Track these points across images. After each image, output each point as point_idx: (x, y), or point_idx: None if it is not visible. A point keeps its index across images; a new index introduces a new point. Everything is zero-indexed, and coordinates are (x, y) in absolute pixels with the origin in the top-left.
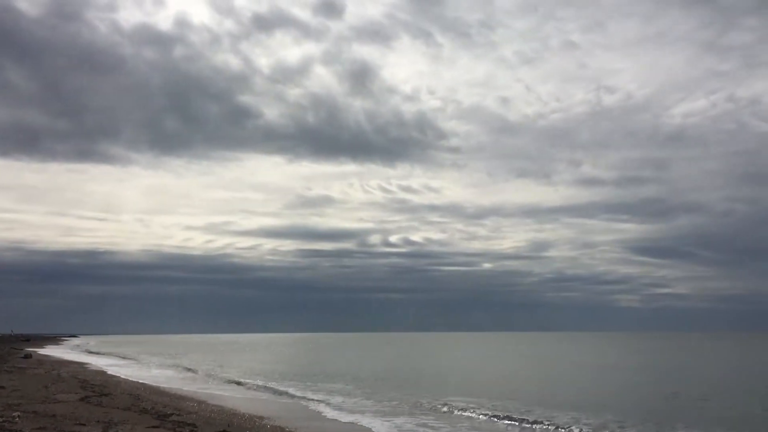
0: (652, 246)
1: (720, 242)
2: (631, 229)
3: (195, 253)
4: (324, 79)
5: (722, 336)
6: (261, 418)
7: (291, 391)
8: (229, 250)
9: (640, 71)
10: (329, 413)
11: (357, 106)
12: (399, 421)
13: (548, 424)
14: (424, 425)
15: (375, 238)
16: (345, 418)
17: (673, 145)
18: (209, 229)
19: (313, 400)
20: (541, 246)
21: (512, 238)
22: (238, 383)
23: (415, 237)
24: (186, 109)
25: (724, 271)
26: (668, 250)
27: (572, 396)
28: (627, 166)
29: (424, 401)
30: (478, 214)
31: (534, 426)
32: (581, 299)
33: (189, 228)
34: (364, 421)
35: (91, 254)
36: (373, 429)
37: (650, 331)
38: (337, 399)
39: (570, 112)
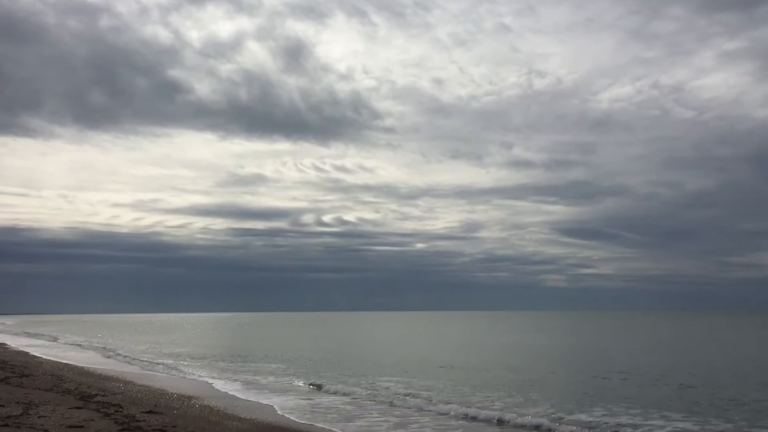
0: (578, 227)
1: (643, 224)
2: (559, 211)
3: (122, 231)
4: (257, 55)
5: (643, 315)
6: (189, 398)
7: (219, 371)
8: (158, 228)
9: (570, 56)
10: (251, 395)
11: (291, 84)
12: (326, 400)
13: (476, 407)
14: (336, 405)
15: (308, 218)
16: (266, 398)
17: (600, 129)
18: (137, 206)
19: (239, 380)
20: (473, 227)
21: (445, 218)
22: (167, 364)
23: (349, 217)
24: (113, 82)
25: (646, 252)
26: (594, 231)
27: (500, 376)
28: (556, 150)
29: (350, 380)
30: (412, 195)
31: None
32: (510, 279)
33: (116, 205)
34: (280, 400)
35: (11, 231)
36: (275, 406)
37: (576, 310)
38: (265, 379)
39: (502, 95)
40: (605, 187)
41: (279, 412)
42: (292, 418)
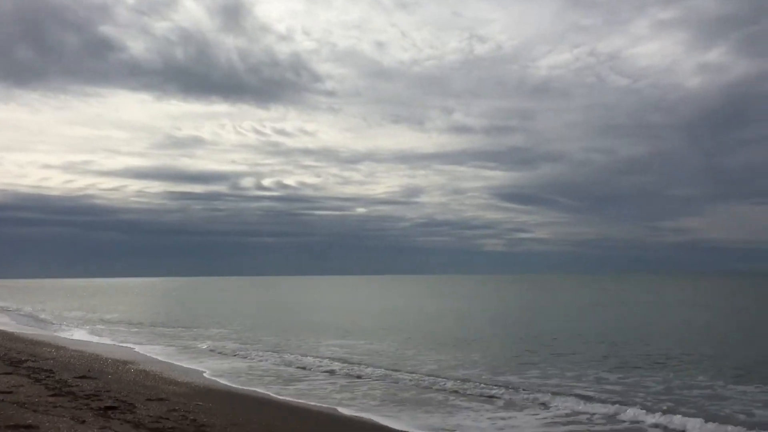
0: (516, 193)
1: (578, 190)
2: (498, 176)
3: (53, 193)
4: (193, 13)
5: (578, 278)
6: (124, 363)
7: (156, 336)
8: (91, 191)
9: (510, 22)
10: (188, 359)
11: (229, 44)
12: (264, 364)
13: (419, 375)
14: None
15: (248, 182)
16: (203, 363)
17: (539, 96)
18: (68, 168)
19: (175, 346)
20: (414, 191)
21: (386, 183)
22: (102, 329)
23: (289, 181)
24: (41, 39)
25: (581, 217)
26: (531, 196)
27: (438, 338)
28: (496, 115)
29: (290, 343)
30: (353, 159)
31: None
32: (450, 243)
33: (46, 167)
34: (217, 365)
35: None
36: (212, 370)
37: (513, 273)
38: (203, 344)
39: (443, 60)
40: (543, 153)
41: (215, 376)
42: (227, 382)
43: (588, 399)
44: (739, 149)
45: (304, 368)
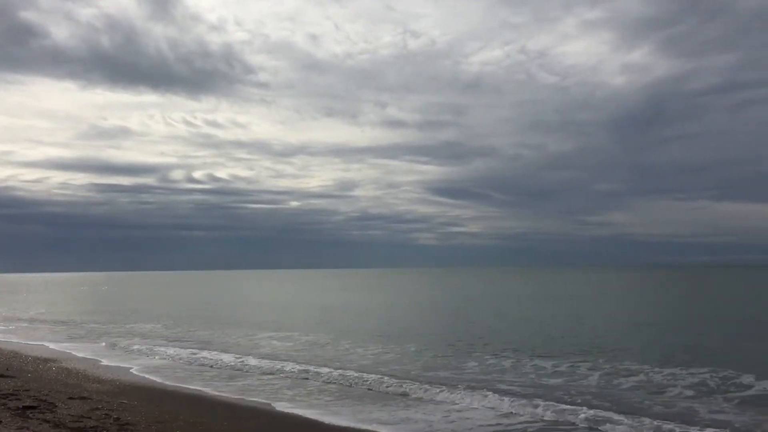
0: (449, 187)
1: (509, 185)
2: (431, 170)
3: None
4: (120, 0)
5: (508, 271)
6: (45, 361)
7: (81, 333)
8: (11, 183)
9: (443, 18)
10: (114, 357)
11: (158, 33)
12: (194, 360)
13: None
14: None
15: (177, 174)
16: (130, 360)
17: (471, 91)
18: None
19: (102, 343)
20: (348, 185)
21: (320, 176)
22: (22, 326)
23: (221, 173)
24: None
25: (512, 211)
26: (463, 191)
27: (378, 328)
28: (429, 110)
29: (229, 339)
30: (286, 152)
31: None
32: (384, 237)
33: None
34: (145, 362)
35: None
36: (140, 367)
37: (446, 267)
38: (130, 340)
39: (377, 54)
40: (475, 148)
41: (142, 373)
42: (155, 379)
43: (513, 393)
44: (660, 146)
45: (235, 364)
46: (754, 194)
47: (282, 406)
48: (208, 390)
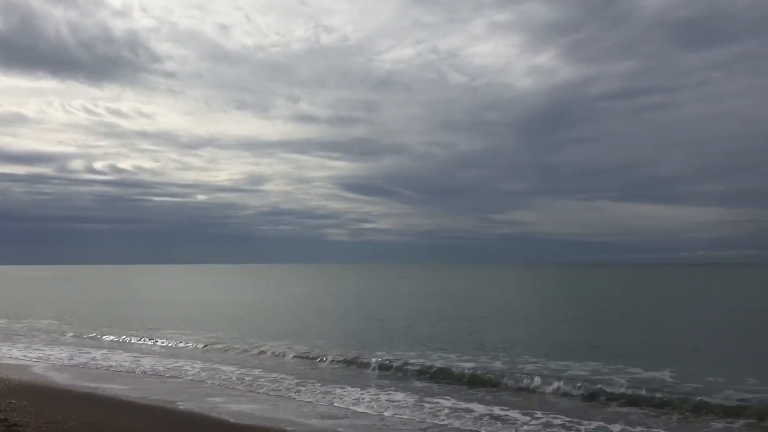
0: (360, 183)
1: (419, 182)
2: (343, 166)
3: None
4: None
5: (418, 267)
6: None
7: None
8: None
9: (356, 14)
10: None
11: (58, 16)
12: (78, 351)
13: (259, 352)
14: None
15: (77, 164)
16: (24, 356)
17: (383, 88)
18: None
19: None
20: (258, 179)
21: (228, 170)
22: None
23: (124, 164)
24: None
25: (422, 208)
26: (375, 187)
27: (285, 326)
28: (341, 106)
29: (129, 333)
30: (194, 144)
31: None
32: (294, 232)
33: None
34: (42, 356)
35: None
36: (35, 364)
37: (356, 263)
38: (29, 337)
39: (289, 48)
40: (386, 145)
41: (34, 372)
42: (50, 378)
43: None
44: (564, 148)
45: (132, 363)
46: (651, 196)
47: (182, 405)
48: (104, 389)
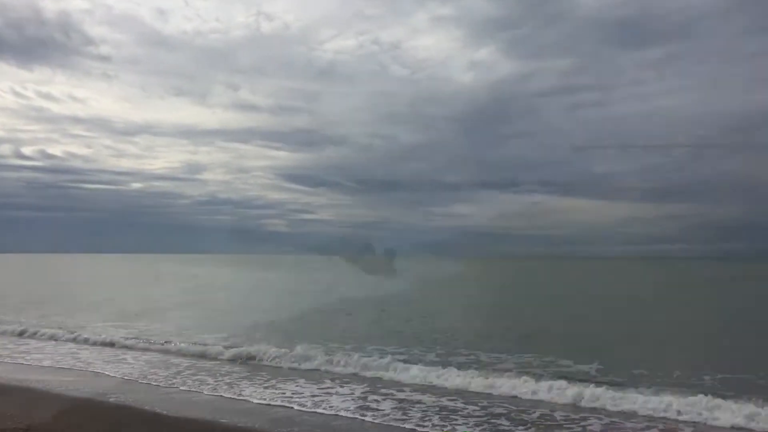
0: (301, 174)
1: (361, 174)
2: (283, 156)
3: None
4: None
5: (356, 260)
6: None
7: None
8: None
9: (297, 3)
10: None
11: None
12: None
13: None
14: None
15: (5, 149)
16: None
17: (325, 79)
18: None
19: None
20: (195, 168)
21: (165, 158)
22: None
23: (55, 150)
24: None
25: (363, 200)
26: (315, 178)
27: (222, 318)
28: (282, 95)
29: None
30: (129, 131)
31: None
32: (232, 222)
33: None
34: None
35: None
36: None
37: (295, 254)
38: None
39: (229, 34)
40: (328, 135)
41: None
42: None
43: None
44: (503, 142)
45: (65, 356)
46: (586, 191)
47: (116, 398)
48: (31, 381)
